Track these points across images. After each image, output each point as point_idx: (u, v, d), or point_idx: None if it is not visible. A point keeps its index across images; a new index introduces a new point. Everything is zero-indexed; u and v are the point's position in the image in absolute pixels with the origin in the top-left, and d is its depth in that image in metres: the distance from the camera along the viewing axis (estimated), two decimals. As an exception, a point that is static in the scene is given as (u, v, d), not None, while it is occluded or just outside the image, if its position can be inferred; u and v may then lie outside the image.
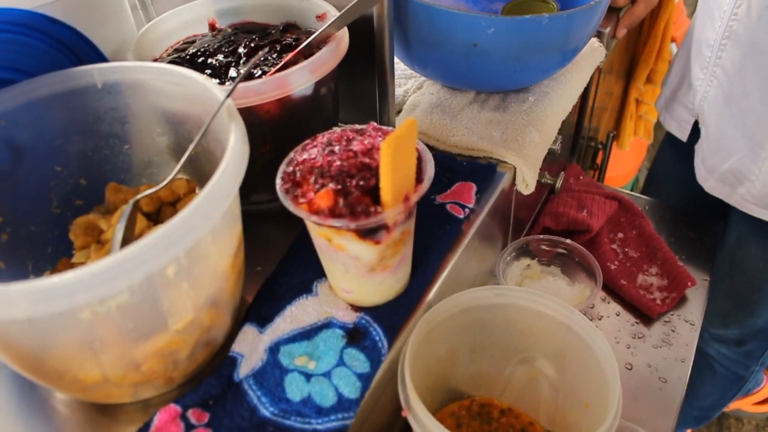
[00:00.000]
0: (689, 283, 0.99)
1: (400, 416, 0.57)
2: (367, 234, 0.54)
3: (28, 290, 0.39)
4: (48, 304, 0.40)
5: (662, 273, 1.01)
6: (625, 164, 2.08)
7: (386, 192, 0.51)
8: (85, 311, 0.43)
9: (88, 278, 0.40)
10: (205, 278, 0.50)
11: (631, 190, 1.94)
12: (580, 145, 1.26)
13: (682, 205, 1.20)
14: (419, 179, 0.54)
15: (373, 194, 0.52)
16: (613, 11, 1.11)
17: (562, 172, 1.00)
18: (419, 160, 0.55)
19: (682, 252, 1.08)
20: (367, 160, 0.53)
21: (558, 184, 0.97)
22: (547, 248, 0.94)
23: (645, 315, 0.97)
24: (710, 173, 1.07)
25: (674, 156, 1.25)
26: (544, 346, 0.69)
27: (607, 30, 1.07)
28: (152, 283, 0.45)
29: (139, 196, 0.56)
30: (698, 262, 1.07)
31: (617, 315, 0.98)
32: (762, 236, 1.08)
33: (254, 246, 0.62)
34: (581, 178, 1.14)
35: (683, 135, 1.15)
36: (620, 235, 1.07)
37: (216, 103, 0.54)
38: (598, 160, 1.40)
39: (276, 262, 0.67)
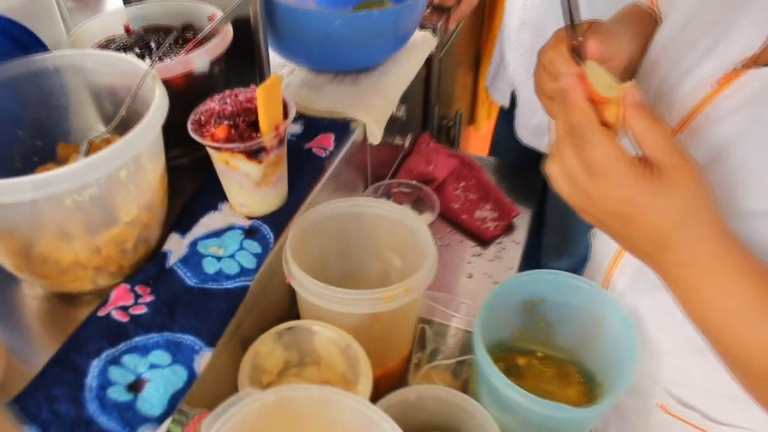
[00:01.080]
0: (514, 213, 1.29)
1: (292, 304, 0.82)
2: (253, 155, 0.79)
3: (34, 180, 0.63)
4: (46, 190, 0.63)
5: (494, 208, 1.31)
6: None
7: (263, 123, 0.77)
8: (68, 199, 0.66)
9: (72, 171, 0.64)
10: (144, 186, 0.74)
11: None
12: (432, 122, 1.55)
13: (514, 160, 1.51)
14: (286, 116, 0.80)
15: (254, 127, 0.78)
16: (444, 10, 1.41)
17: (410, 135, 1.29)
18: (285, 105, 0.81)
19: (511, 194, 1.38)
20: (249, 105, 0.79)
21: (406, 144, 1.25)
22: (401, 190, 1.21)
23: (482, 239, 1.27)
24: (524, 129, 1.39)
25: (504, 122, 1.57)
26: (390, 244, 0.95)
27: (440, 24, 1.36)
28: (111, 181, 0.69)
29: (93, 138, 0.79)
30: (523, 200, 1.37)
31: (460, 242, 1.27)
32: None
33: (171, 189, 0.86)
34: (431, 144, 1.43)
35: (506, 103, 1.46)
36: (462, 183, 1.36)
37: (141, 74, 0.78)
38: (452, 135, 1.70)
39: (187, 199, 0.91)
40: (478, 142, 2.19)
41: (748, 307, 0.55)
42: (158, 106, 0.72)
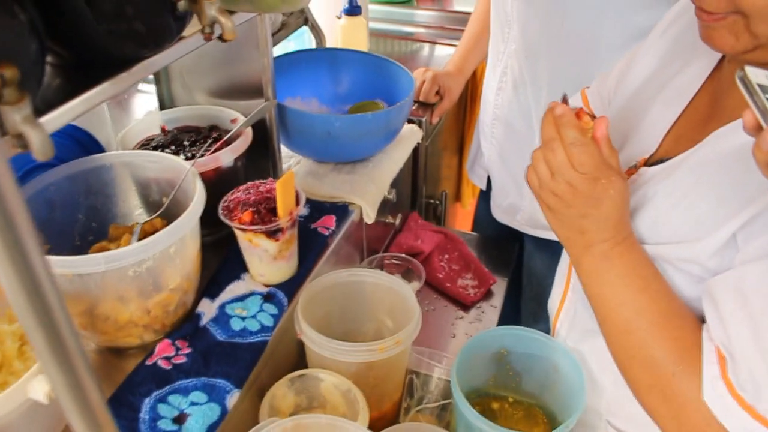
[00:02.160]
0: (491, 281, 1.48)
1: (300, 356, 1.00)
2: (271, 234, 0.99)
3: (107, 255, 0.82)
4: (115, 263, 0.82)
5: (474, 277, 1.50)
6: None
7: (280, 209, 0.97)
8: (130, 270, 0.85)
9: (137, 248, 0.83)
10: (186, 259, 0.93)
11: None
12: (420, 202, 1.76)
13: (492, 235, 1.71)
14: (297, 204, 1.00)
15: (273, 212, 0.98)
16: (429, 105, 1.64)
17: (400, 214, 1.49)
18: (297, 194, 1.01)
19: (489, 264, 1.57)
20: (268, 195, 0.99)
21: (397, 222, 1.45)
22: (392, 262, 1.41)
23: (463, 304, 1.45)
24: (498, 208, 1.60)
25: (483, 201, 1.77)
26: (383, 307, 1.14)
27: (425, 118, 1.59)
28: (163, 256, 0.88)
29: (143, 221, 0.99)
30: (500, 269, 1.56)
31: (445, 307, 1.45)
32: (541, 249, 1.60)
33: (201, 260, 1.05)
34: (419, 221, 1.63)
35: (483, 185, 1.68)
36: (446, 255, 1.55)
37: (183, 171, 0.99)
38: (439, 213, 1.91)
39: (213, 270, 1.10)
40: (464, 217, 2.39)
41: (621, 285, 0.76)
42: (199, 197, 0.92)
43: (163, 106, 1.32)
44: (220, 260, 1.11)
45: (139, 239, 1.00)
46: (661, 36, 0.93)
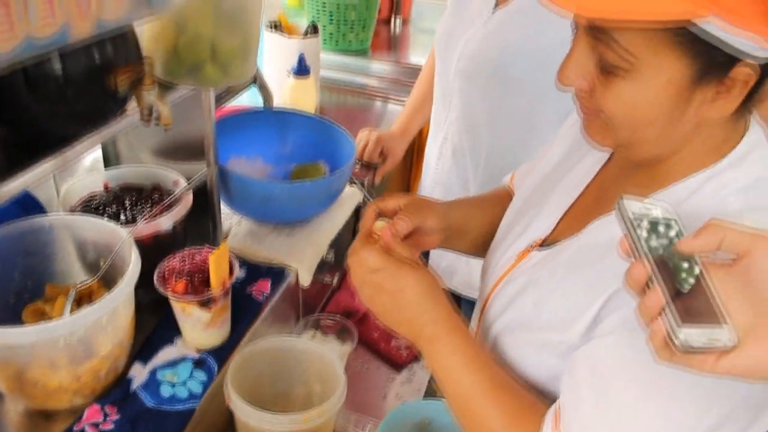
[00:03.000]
0: (423, 343, 1.53)
1: (230, 420, 1.03)
2: (204, 304, 1.02)
3: (38, 328, 0.84)
4: (45, 335, 0.85)
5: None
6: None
7: (213, 281, 1.00)
8: (61, 340, 0.88)
9: (69, 322, 0.86)
10: (118, 327, 0.96)
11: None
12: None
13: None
14: (231, 274, 1.04)
15: (206, 283, 1.01)
16: (372, 166, 1.69)
17: (338, 273, 1.53)
18: (231, 265, 1.05)
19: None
20: (203, 266, 1.03)
21: (335, 282, 1.49)
22: (327, 323, 1.44)
23: (396, 364, 1.49)
24: (436, 269, 1.65)
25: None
26: (312, 372, 1.17)
27: (367, 179, 1.64)
28: (96, 325, 0.90)
29: (79, 286, 1.01)
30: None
31: (378, 367, 1.49)
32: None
33: (135, 321, 1.08)
34: (358, 278, 1.67)
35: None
36: (382, 315, 1.59)
37: (121, 237, 1.01)
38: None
39: (148, 331, 1.12)
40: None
41: (453, 363, 0.81)
42: (133, 269, 0.95)
43: (107, 161, 1.34)
44: (157, 320, 1.14)
45: (75, 300, 1.03)
46: (572, 125, 1.00)
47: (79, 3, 0.58)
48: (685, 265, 0.56)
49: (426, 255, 1.73)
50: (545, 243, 0.88)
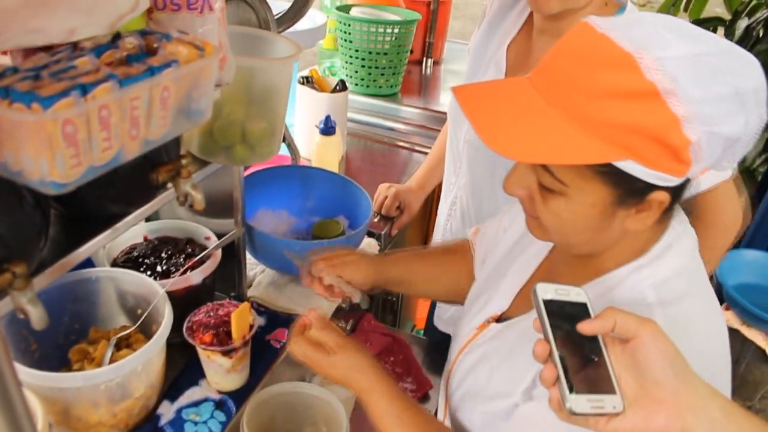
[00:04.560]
0: (428, 387, 1.65)
1: None
2: (226, 353, 1.16)
3: (84, 375, 0.99)
4: (89, 381, 1.00)
5: (414, 381, 1.67)
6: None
7: (235, 334, 1.15)
8: (102, 385, 1.03)
9: (108, 370, 1.01)
10: (151, 373, 1.11)
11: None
12: (376, 300, 1.93)
13: (438, 340, 1.88)
14: (250, 329, 1.18)
15: (229, 335, 1.16)
16: (389, 219, 1.82)
17: (352, 320, 1.67)
18: (252, 323, 1.19)
19: (431, 368, 1.74)
20: (226, 319, 1.17)
21: (348, 327, 1.63)
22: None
23: (401, 406, 1.62)
24: (440, 319, 1.77)
25: (432, 308, 1.95)
26: (320, 416, 1.31)
27: (384, 231, 1.77)
28: (132, 372, 1.05)
29: (117, 336, 1.16)
30: (438, 373, 1.73)
31: (384, 407, 1.62)
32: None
33: (167, 360, 1.22)
34: (372, 322, 1.80)
35: (432, 295, 1.86)
36: (392, 358, 1.72)
37: (157, 292, 1.16)
38: (396, 309, 2.09)
39: (177, 370, 1.27)
40: (423, 308, 2.58)
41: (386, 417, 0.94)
42: (166, 323, 1.10)
43: (148, 219, 1.50)
44: (184, 361, 1.29)
45: (115, 345, 1.18)
46: None
47: (130, 130, 0.73)
48: (591, 341, 0.67)
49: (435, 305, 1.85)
50: (501, 318, 1.00)
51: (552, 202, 0.80)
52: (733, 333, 2.83)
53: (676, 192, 0.76)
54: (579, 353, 0.66)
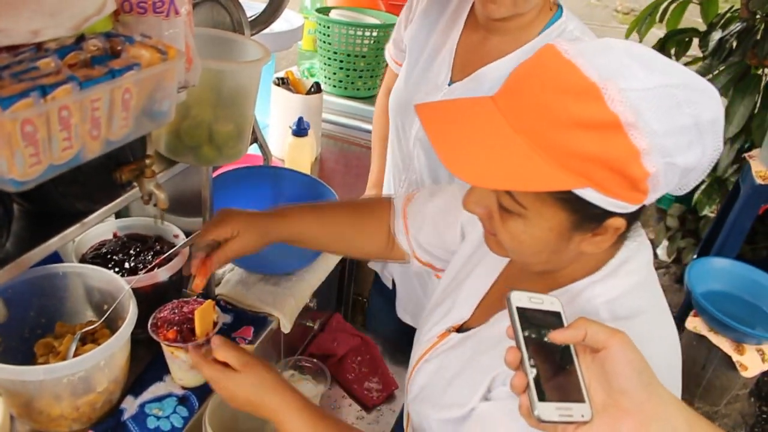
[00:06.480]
0: (394, 387, 1.68)
1: None
2: (190, 350, 1.18)
3: (45, 368, 1.01)
4: (51, 374, 1.01)
5: (380, 381, 1.70)
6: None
7: (198, 331, 1.16)
8: (65, 379, 1.04)
9: (72, 364, 1.02)
10: (114, 367, 1.12)
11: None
12: (346, 300, 1.96)
13: (390, 334, 1.89)
14: (214, 327, 1.20)
15: (193, 332, 1.18)
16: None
17: (319, 320, 1.69)
18: (217, 320, 1.21)
19: (394, 365, 1.76)
20: (190, 316, 1.19)
21: (316, 327, 1.66)
22: (304, 364, 1.60)
23: (366, 405, 1.64)
24: (404, 311, 1.79)
25: (377, 296, 1.95)
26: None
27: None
28: (95, 367, 1.07)
29: (83, 330, 1.18)
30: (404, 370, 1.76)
31: (349, 405, 1.64)
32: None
33: (131, 355, 1.24)
34: (340, 323, 1.83)
35: (389, 284, 1.86)
36: (359, 358, 1.75)
37: (123, 288, 1.18)
38: (366, 309, 2.11)
39: (142, 366, 1.29)
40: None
41: None
42: (130, 319, 1.11)
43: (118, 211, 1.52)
44: (150, 357, 1.30)
45: (80, 339, 1.20)
46: None
47: (91, 131, 0.75)
48: (563, 350, 0.69)
49: (393, 295, 1.86)
50: (461, 328, 1.03)
51: (510, 223, 0.82)
52: (701, 339, 2.89)
53: (631, 217, 0.80)
54: (550, 361, 0.68)
